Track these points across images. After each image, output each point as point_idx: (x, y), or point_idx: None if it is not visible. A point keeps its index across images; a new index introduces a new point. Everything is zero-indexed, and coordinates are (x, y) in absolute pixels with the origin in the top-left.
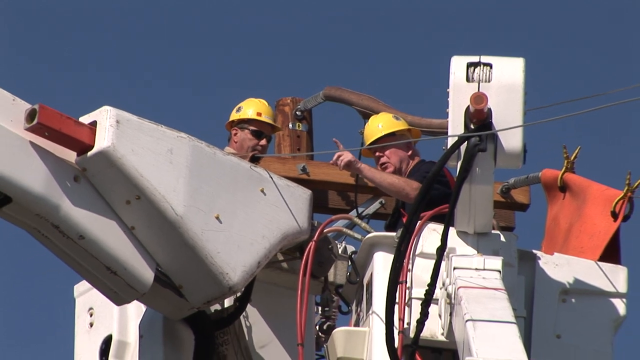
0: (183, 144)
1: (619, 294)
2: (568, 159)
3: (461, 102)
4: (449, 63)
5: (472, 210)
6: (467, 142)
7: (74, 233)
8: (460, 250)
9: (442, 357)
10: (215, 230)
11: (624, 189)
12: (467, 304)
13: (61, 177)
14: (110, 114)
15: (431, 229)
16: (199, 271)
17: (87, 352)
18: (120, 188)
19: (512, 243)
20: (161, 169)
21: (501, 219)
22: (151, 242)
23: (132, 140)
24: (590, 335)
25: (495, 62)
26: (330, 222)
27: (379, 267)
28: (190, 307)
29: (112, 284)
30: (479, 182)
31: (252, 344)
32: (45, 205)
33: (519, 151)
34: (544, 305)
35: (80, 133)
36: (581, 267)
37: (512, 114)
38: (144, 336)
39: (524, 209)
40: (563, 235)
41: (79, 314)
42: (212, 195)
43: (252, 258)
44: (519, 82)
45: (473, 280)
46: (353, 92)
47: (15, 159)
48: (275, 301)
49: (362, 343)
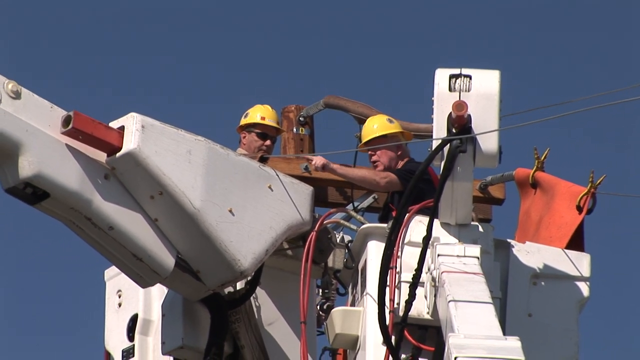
0: (200, 146)
1: (583, 277)
2: (538, 159)
3: (444, 109)
4: (434, 75)
5: (454, 204)
6: (449, 144)
7: (104, 224)
8: (443, 239)
9: (427, 334)
10: (229, 222)
11: (587, 185)
12: (449, 287)
13: (93, 175)
14: (137, 120)
15: (418, 220)
16: (214, 258)
17: (116, 329)
18: (145, 185)
19: (489, 233)
20: (181, 168)
21: (480, 212)
22: (172, 232)
23: (155, 142)
24: (558, 314)
25: (474, 74)
26: (329, 215)
27: (372, 254)
28: (206, 290)
29: (138, 269)
30: (460, 179)
31: (260, 322)
32: (79, 199)
33: (495, 152)
34: (517, 288)
35: (110, 136)
36: (550, 254)
37: (489, 120)
38: (166, 315)
39: (500, 203)
40: (534, 226)
41: (109, 295)
42: (226, 191)
43: (261, 246)
44: (495, 91)
45: (455, 265)
46: (350, 100)
47: (52, 159)
48: (281, 284)
49: (357, 321)
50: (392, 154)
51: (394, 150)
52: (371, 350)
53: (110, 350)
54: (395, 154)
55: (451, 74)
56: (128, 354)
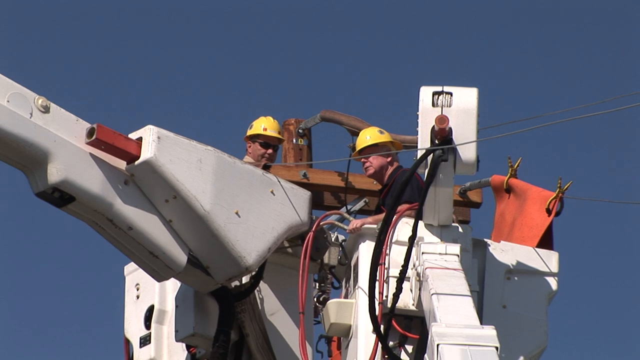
0: (210, 155)
1: (552, 273)
2: (512, 167)
3: (428, 122)
4: (419, 92)
5: (436, 207)
6: (432, 154)
7: (124, 225)
8: (427, 239)
9: (412, 323)
10: (235, 223)
11: (556, 190)
12: (432, 281)
13: (114, 181)
14: (153, 132)
15: (404, 222)
16: (222, 255)
17: (134, 318)
18: (160, 190)
19: (468, 233)
20: (193, 175)
21: (459, 214)
22: (185, 232)
23: (170, 152)
24: (530, 306)
25: (454, 91)
26: (325, 217)
27: (364, 252)
28: (215, 283)
29: (154, 265)
30: (442, 185)
31: (263, 312)
32: (101, 203)
33: (473, 161)
34: (492, 282)
35: (129, 146)
36: (522, 252)
37: (468, 132)
38: (179, 306)
39: (478, 206)
40: (508, 227)
41: (128, 288)
42: (233, 195)
43: (264, 245)
44: (473, 106)
45: (437, 262)
46: (343, 114)
47: (78, 167)
48: (282, 278)
49: (350, 312)
50: (382, 161)
51: (385, 157)
52: (362, 337)
53: (129, 337)
54: (385, 160)
55: (434, 91)
56: (145, 341)
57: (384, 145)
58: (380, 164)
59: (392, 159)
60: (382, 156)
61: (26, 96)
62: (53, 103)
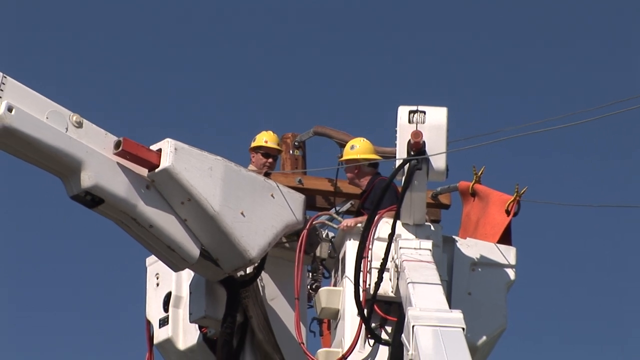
0: (219, 164)
1: (510, 265)
2: (476, 174)
3: (405, 136)
4: (397, 110)
5: (412, 209)
6: (409, 163)
7: (146, 223)
8: (404, 236)
9: (391, 308)
10: (241, 221)
11: (514, 194)
12: (408, 272)
13: (137, 186)
14: (171, 144)
15: (385, 221)
16: (230, 249)
17: (155, 303)
18: (177, 193)
19: (439, 231)
20: (204, 181)
21: (431, 215)
22: (197, 229)
23: (185, 161)
24: (491, 293)
25: (427, 110)
26: (317, 217)
27: (350, 247)
28: (223, 273)
29: (171, 257)
30: (416, 190)
31: (264, 298)
32: (126, 204)
33: (444, 170)
34: (460, 273)
35: (150, 156)
36: (485, 247)
37: (439, 145)
38: (193, 292)
39: (447, 208)
40: (473, 226)
41: (149, 277)
42: (238, 198)
43: (265, 240)
44: (444, 123)
45: (412, 255)
46: (333, 130)
47: (106, 174)
48: (281, 269)
49: (338, 298)
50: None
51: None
52: (349, 320)
53: (150, 319)
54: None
55: (410, 110)
56: (164, 322)
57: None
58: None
59: (359, 171)
60: (350, 169)
61: (62, 113)
62: (85, 119)
